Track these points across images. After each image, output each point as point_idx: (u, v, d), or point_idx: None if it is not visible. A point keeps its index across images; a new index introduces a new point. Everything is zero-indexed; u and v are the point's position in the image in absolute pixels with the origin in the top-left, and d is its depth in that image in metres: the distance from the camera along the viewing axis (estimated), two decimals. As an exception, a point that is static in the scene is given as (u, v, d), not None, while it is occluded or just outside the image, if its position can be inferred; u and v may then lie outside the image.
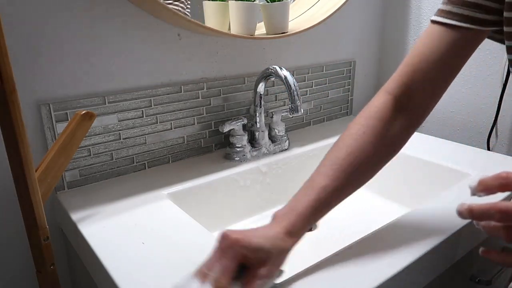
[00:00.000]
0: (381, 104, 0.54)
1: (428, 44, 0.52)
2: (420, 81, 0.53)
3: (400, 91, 0.54)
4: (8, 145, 0.45)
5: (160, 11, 0.68)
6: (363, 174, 0.52)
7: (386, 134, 0.52)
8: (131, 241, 0.54)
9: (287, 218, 0.46)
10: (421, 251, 0.51)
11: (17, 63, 0.60)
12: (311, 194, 0.49)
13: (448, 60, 0.52)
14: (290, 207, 0.48)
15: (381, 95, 0.55)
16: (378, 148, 0.52)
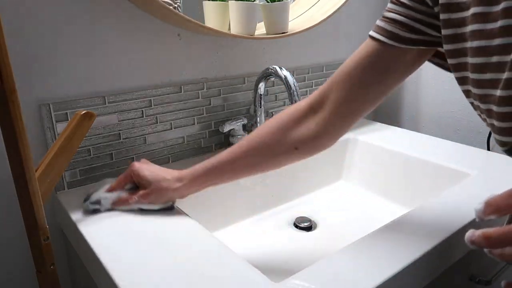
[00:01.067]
0: (297, 105, 0.57)
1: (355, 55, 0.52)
2: (334, 91, 0.53)
3: (316, 97, 0.56)
4: (8, 145, 0.45)
5: (161, 11, 0.68)
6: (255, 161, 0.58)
7: (287, 131, 0.56)
8: (131, 241, 0.54)
9: (184, 170, 0.61)
10: (421, 251, 0.51)
11: (17, 63, 0.60)
12: (210, 160, 0.60)
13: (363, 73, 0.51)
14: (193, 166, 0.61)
15: (302, 100, 0.58)
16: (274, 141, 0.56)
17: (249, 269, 0.48)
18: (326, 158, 0.92)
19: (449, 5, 0.43)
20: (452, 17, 0.43)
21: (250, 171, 0.59)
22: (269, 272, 0.50)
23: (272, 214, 0.80)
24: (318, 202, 0.85)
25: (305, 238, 0.72)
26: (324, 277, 0.47)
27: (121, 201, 0.61)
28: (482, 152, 0.85)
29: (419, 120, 1.15)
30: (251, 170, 0.59)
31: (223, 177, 0.60)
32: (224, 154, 0.59)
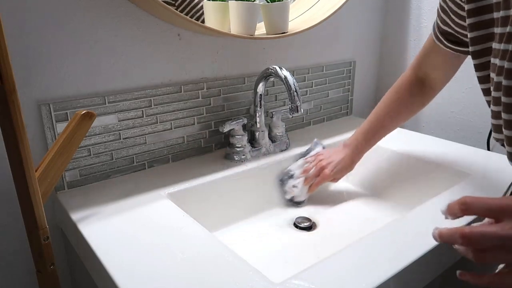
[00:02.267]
0: (406, 75, 0.76)
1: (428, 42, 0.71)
2: (429, 65, 0.72)
3: (418, 68, 0.74)
4: (8, 145, 0.45)
5: (161, 11, 0.68)
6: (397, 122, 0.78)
7: (408, 102, 0.77)
8: (131, 241, 0.54)
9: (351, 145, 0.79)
10: (421, 251, 0.51)
11: (17, 63, 0.60)
12: (360, 127, 0.80)
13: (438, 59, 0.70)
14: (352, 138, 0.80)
15: (408, 70, 0.76)
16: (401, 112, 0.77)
17: (249, 269, 0.48)
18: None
19: None
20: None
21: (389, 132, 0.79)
22: (269, 272, 0.50)
23: (272, 214, 0.80)
24: (318, 202, 0.85)
25: (305, 238, 0.72)
26: (324, 277, 0.47)
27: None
28: (482, 152, 0.85)
29: (419, 120, 1.15)
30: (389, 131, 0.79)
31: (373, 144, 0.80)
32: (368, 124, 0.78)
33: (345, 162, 0.78)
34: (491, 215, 0.39)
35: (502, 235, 0.37)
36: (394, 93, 0.77)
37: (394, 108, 0.77)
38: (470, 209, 0.39)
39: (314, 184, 0.78)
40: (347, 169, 0.78)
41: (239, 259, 0.50)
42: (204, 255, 0.51)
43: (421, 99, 0.77)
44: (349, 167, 0.78)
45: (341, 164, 0.78)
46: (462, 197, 0.40)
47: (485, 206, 0.39)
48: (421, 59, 0.73)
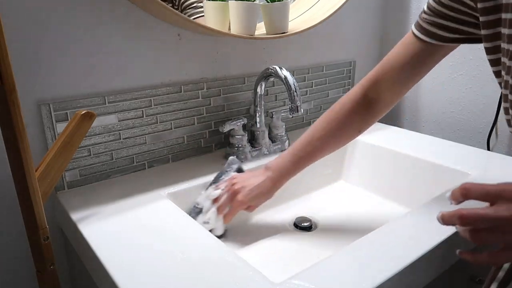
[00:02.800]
0: (352, 96, 0.68)
1: (399, 48, 0.65)
2: (386, 80, 0.65)
3: (369, 85, 0.66)
4: (8, 145, 0.45)
5: (161, 11, 0.68)
6: (327, 148, 0.70)
7: (350, 121, 0.68)
8: (131, 241, 0.54)
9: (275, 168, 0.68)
10: (421, 251, 0.51)
11: (17, 63, 0.60)
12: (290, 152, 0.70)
13: (410, 66, 0.63)
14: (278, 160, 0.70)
15: (356, 87, 0.68)
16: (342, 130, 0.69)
17: (249, 269, 0.48)
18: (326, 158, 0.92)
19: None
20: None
21: (319, 158, 0.71)
22: (269, 272, 0.50)
23: (272, 214, 0.80)
24: (318, 202, 0.85)
25: (305, 238, 0.72)
26: (324, 277, 0.47)
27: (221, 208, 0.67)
28: (482, 152, 0.85)
29: (419, 120, 1.15)
30: (320, 157, 0.71)
31: (301, 170, 0.70)
32: (299, 151, 0.69)
33: (264, 187, 0.67)
34: (488, 199, 0.42)
35: (495, 217, 0.40)
36: (334, 112, 0.69)
37: (335, 130, 0.69)
38: (469, 193, 0.43)
39: (227, 214, 0.67)
40: (265, 196, 0.67)
41: (239, 259, 0.50)
42: (204, 255, 0.51)
43: (362, 122, 0.69)
44: (268, 193, 0.68)
45: (259, 189, 0.66)
46: (463, 183, 0.44)
47: (483, 191, 0.42)
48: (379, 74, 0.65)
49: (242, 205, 0.67)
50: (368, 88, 0.66)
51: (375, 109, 0.67)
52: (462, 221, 0.42)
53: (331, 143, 0.70)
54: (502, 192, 0.41)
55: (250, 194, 0.66)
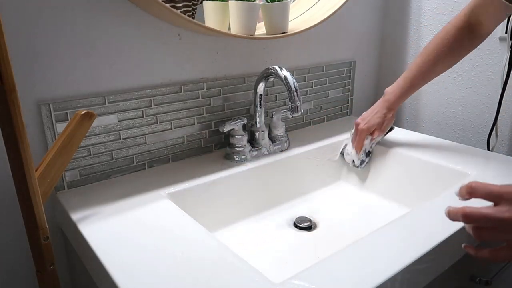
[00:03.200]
0: (457, 21, 0.78)
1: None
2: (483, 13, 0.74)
3: (470, 14, 0.76)
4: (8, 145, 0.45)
5: (161, 11, 0.68)
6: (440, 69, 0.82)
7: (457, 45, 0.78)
8: (131, 241, 0.54)
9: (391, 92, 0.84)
10: (421, 251, 0.51)
11: (17, 63, 0.60)
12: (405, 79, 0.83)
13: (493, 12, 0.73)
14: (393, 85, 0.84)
15: (460, 14, 0.78)
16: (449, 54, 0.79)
17: (249, 269, 0.48)
18: (326, 158, 0.92)
19: None
20: None
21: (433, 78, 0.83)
22: (269, 272, 0.50)
23: (272, 214, 0.80)
24: (318, 202, 0.85)
25: (305, 238, 0.72)
26: (324, 277, 0.47)
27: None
28: (482, 152, 0.85)
29: (419, 120, 1.15)
30: (433, 77, 0.83)
31: (415, 90, 0.84)
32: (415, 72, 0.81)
33: (378, 108, 0.83)
34: (491, 199, 0.44)
35: (497, 217, 0.42)
36: (441, 38, 0.79)
37: (442, 51, 0.78)
38: (474, 192, 0.46)
39: (356, 144, 0.85)
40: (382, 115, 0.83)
41: (239, 259, 0.50)
42: (204, 255, 0.51)
43: (470, 44, 0.79)
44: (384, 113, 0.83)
45: (373, 112, 0.83)
46: (470, 182, 0.47)
47: (487, 191, 0.44)
48: (474, 7, 0.75)
49: (363, 132, 0.83)
50: (469, 14, 0.76)
51: (477, 32, 0.77)
52: (466, 219, 0.44)
53: (444, 62, 0.80)
54: (504, 194, 0.43)
55: (367, 119, 0.83)
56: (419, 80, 0.81)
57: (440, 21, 1.04)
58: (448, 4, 1.02)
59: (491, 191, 0.44)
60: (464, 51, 0.80)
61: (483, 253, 0.45)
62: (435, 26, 1.06)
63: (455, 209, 0.46)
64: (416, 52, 1.11)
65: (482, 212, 0.43)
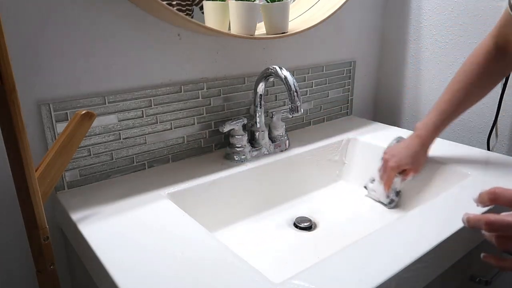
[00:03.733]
0: (485, 45, 0.73)
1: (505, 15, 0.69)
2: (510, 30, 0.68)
3: (497, 33, 0.71)
4: (8, 145, 0.45)
5: (161, 11, 0.68)
6: (473, 99, 0.75)
7: (488, 69, 0.72)
8: (131, 241, 0.54)
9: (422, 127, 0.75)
10: (421, 251, 0.51)
11: (17, 63, 0.60)
12: (436, 113, 0.74)
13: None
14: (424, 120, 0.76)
15: (487, 38, 0.73)
16: (482, 79, 0.72)
17: (249, 269, 0.48)
18: (326, 158, 0.92)
19: None
20: None
21: (466, 110, 0.76)
22: (269, 272, 0.50)
23: (272, 214, 0.80)
24: (318, 202, 0.85)
25: (305, 238, 0.72)
26: (324, 277, 0.47)
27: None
28: (482, 152, 0.85)
29: (419, 120, 1.15)
30: (467, 109, 0.75)
31: (448, 125, 0.76)
32: (446, 106, 0.73)
33: (412, 146, 0.74)
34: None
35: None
36: (471, 63, 0.73)
37: (474, 77, 0.72)
38: (498, 199, 0.43)
39: (386, 182, 0.77)
40: (414, 154, 0.74)
41: (239, 259, 0.50)
42: (204, 255, 0.51)
43: (502, 67, 0.73)
44: (418, 152, 0.74)
45: (407, 150, 0.74)
46: (493, 187, 0.44)
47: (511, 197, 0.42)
48: (500, 28, 0.70)
49: (394, 170, 0.74)
50: (497, 36, 0.71)
51: (508, 51, 0.71)
52: (489, 227, 0.42)
53: (474, 92, 0.73)
54: None
55: (397, 156, 0.74)
56: (451, 112, 0.74)
57: (440, 21, 1.04)
58: (448, 4, 1.02)
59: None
60: (497, 75, 0.74)
61: (507, 264, 0.43)
62: (435, 26, 1.06)
63: (476, 217, 0.44)
64: (416, 52, 1.11)
65: (507, 220, 0.41)
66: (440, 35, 1.05)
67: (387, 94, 1.22)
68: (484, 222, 0.42)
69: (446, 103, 0.73)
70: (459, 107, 0.73)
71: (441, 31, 1.05)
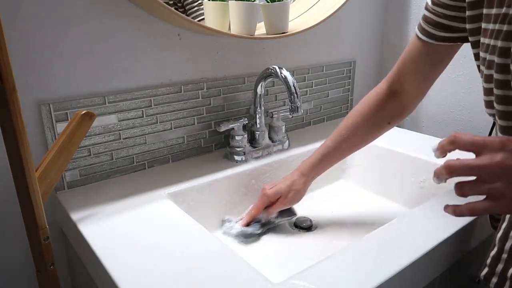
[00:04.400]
0: (378, 89, 0.71)
1: (411, 44, 0.64)
2: (408, 74, 0.66)
3: (393, 79, 0.69)
4: (8, 145, 0.45)
5: (161, 11, 0.68)
6: (357, 140, 0.72)
7: (378, 113, 0.69)
8: (131, 241, 0.54)
9: (301, 166, 0.73)
10: (421, 251, 0.51)
11: (17, 63, 0.60)
12: (319, 150, 0.73)
13: (421, 65, 0.64)
14: (306, 160, 0.73)
15: (381, 83, 0.71)
16: (370, 123, 0.70)
17: (249, 269, 0.48)
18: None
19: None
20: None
21: (352, 151, 0.73)
22: (269, 272, 0.50)
23: (272, 214, 0.80)
24: (318, 202, 0.85)
25: (305, 238, 0.72)
26: (324, 277, 0.47)
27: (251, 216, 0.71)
28: (482, 152, 0.85)
29: (419, 120, 1.15)
30: (352, 150, 0.73)
31: (332, 163, 0.73)
32: (330, 143, 0.72)
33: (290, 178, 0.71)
34: (474, 149, 0.43)
35: (477, 164, 0.41)
36: (361, 106, 0.71)
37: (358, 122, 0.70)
38: (457, 142, 0.44)
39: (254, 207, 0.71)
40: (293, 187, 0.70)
41: (239, 259, 0.50)
42: (204, 255, 0.51)
43: (390, 114, 0.70)
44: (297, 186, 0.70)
45: (285, 181, 0.71)
46: (452, 133, 0.45)
47: (470, 141, 0.43)
48: (399, 68, 0.67)
49: (269, 197, 0.70)
50: (392, 81, 0.69)
51: (401, 101, 0.68)
52: (448, 169, 0.43)
53: (358, 136, 0.71)
54: (488, 143, 0.41)
55: (277, 186, 0.70)
56: (332, 153, 0.71)
57: (440, 21, 1.04)
58: (448, 4, 1.01)
59: (474, 140, 0.43)
60: (383, 120, 0.70)
61: (461, 209, 0.43)
62: (435, 26, 1.06)
63: (439, 167, 0.44)
64: (416, 52, 1.11)
65: (464, 162, 0.42)
66: (440, 35, 1.05)
67: (387, 94, 1.22)
68: (444, 167, 0.43)
69: (329, 142, 0.72)
70: (342, 151, 0.72)
71: (441, 31, 1.05)
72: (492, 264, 0.53)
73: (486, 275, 0.53)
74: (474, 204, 0.42)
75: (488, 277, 0.53)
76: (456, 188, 0.43)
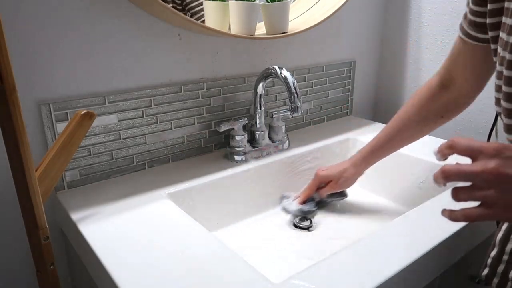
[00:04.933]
0: (430, 82, 0.70)
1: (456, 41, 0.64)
2: (457, 67, 0.65)
3: (444, 72, 0.68)
4: (8, 145, 0.45)
5: (161, 11, 0.68)
6: (410, 133, 0.72)
7: (430, 106, 0.69)
8: (131, 241, 0.54)
9: (354, 156, 0.76)
10: (421, 251, 0.51)
11: (17, 63, 0.60)
12: (372, 141, 0.75)
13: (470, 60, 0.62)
14: (359, 150, 0.76)
15: (433, 75, 0.70)
16: (422, 115, 0.70)
17: (249, 269, 0.48)
18: (326, 158, 0.92)
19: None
20: None
21: (404, 144, 0.74)
22: (269, 272, 0.50)
23: (272, 214, 0.80)
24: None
25: (305, 238, 0.72)
26: (324, 277, 0.47)
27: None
28: (482, 152, 0.85)
29: (419, 120, 1.15)
30: (405, 143, 0.74)
31: (384, 155, 0.75)
32: (382, 135, 0.74)
33: (342, 166, 0.76)
34: (470, 154, 0.42)
35: (472, 171, 0.40)
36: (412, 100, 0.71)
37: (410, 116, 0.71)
38: (455, 147, 0.44)
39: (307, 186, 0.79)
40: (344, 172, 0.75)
41: (239, 259, 0.50)
42: (204, 255, 0.51)
43: (442, 107, 0.69)
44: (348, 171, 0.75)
45: (337, 166, 0.76)
46: (451, 138, 0.45)
47: (467, 146, 0.43)
48: (449, 61, 0.67)
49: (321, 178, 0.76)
50: (442, 74, 0.68)
51: (453, 94, 0.67)
52: (444, 174, 0.42)
53: (411, 129, 0.71)
54: (484, 149, 0.41)
55: (328, 169, 0.76)
56: (384, 145, 0.73)
57: (440, 21, 1.04)
58: (448, 4, 1.02)
59: (472, 146, 0.42)
60: (436, 114, 0.70)
61: (456, 215, 0.43)
62: (435, 26, 1.06)
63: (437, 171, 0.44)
64: (416, 52, 1.11)
65: (459, 167, 0.42)
66: (440, 35, 1.05)
67: (387, 94, 1.22)
68: (440, 171, 0.43)
69: (381, 135, 0.74)
70: (392, 142, 0.73)
71: (441, 31, 1.05)
72: (493, 264, 0.53)
73: (488, 275, 0.53)
74: (469, 211, 0.42)
75: (490, 277, 0.53)
76: (452, 193, 0.43)
